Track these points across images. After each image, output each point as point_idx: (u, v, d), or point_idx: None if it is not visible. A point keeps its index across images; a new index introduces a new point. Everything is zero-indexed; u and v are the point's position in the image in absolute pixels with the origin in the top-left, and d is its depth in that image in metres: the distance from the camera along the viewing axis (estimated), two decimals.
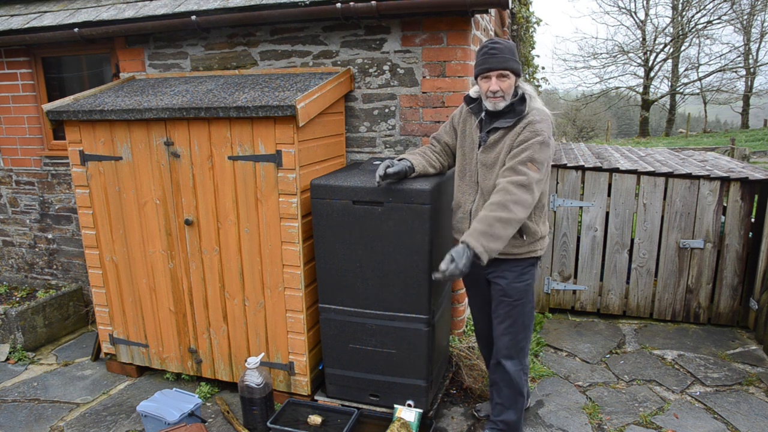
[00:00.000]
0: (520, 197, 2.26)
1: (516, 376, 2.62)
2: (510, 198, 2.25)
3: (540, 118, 2.37)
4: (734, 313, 4.15)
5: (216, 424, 3.08)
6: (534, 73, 8.13)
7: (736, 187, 3.97)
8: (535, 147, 2.31)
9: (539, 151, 2.31)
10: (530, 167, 2.30)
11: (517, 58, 2.41)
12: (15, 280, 4.81)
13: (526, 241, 2.49)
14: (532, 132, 2.35)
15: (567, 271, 4.35)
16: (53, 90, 4.33)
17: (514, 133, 2.41)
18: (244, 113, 2.75)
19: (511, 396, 2.66)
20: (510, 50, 2.39)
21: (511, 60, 2.38)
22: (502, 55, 2.36)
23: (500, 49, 2.36)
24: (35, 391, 3.50)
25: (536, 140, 2.32)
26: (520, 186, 2.27)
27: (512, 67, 2.37)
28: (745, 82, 24.94)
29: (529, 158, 2.31)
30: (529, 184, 2.27)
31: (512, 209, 2.24)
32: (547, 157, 2.35)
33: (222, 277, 3.10)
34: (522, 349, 2.63)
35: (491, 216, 2.24)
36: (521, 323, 2.58)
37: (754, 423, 2.97)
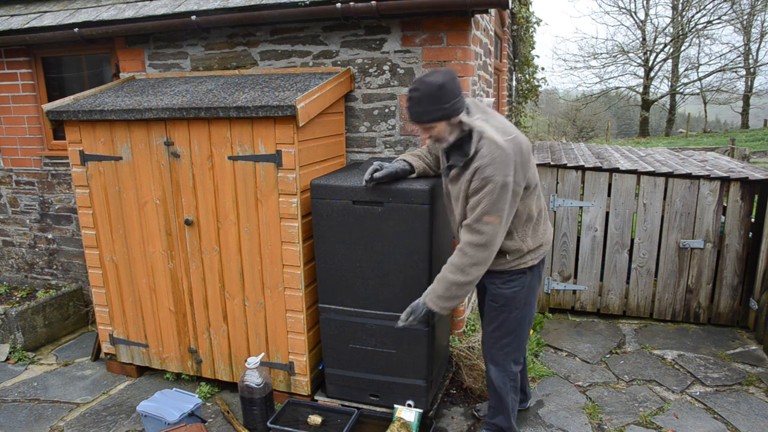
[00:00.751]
0: (477, 258, 2.28)
1: (498, 382, 2.61)
2: (467, 261, 2.29)
3: (489, 160, 2.19)
4: (734, 313, 4.15)
5: (216, 424, 3.08)
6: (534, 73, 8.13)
7: (736, 187, 3.97)
8: (488, 198, 2.20)
9: (494, 201, 2.20)
10: (487, 220, 2.23)
11: (443, 102, 2.18)
12: (15, 280, 4.81)
13: (508, 259, 2.46)
14: (481, 180, 2.21)
15: (567, 271, 4.35)
16: (53, 90, 4.33)
17: (468, 174, 2.28)
18: (244, 113, 2.75)
19: (498, 401, 2.66)
20: (430, 98, 2.17)
21: (430, 111, 2.19)
22: (418, 108, 2.21)
23: (416, 100, 2.20)
24: (35, 391, 3.50)
25: (487, 190, 2.19)
26: (477, 246, 2.26)
27: (433, 119, 2.21)
28: (745, 82, 24.94)
29: (483, 213, 2.22)
30: (487, 242, 2.26)
31: (469, 272, 2.29)
32: (506, 199, 2.22)
33: (222, 277, 3.10)
34: (506, 356, 2.58)
35: (449, 279, 2.33)
36: (505, 329, 2.55)
37: (754, 423, 2.97)
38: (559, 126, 24.51)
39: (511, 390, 2.62)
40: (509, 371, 2.59)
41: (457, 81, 2.23)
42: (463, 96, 2.26)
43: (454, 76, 2.23)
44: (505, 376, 2.60)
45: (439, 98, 2.17)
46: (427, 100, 2.18)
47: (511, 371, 2.60)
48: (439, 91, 2.17)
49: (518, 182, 2.26)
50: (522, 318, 2.55)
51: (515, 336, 2.56)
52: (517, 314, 2.53)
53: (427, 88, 2.18)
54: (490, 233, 2.24)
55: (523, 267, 2.48)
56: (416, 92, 2.20)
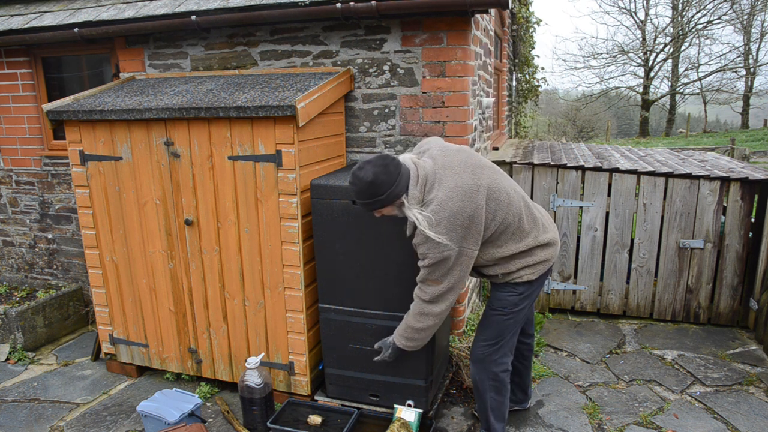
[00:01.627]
0: (425, 309, 2.41)
1: (479, 382, 2.62)
2: (419, 310, 2.43)
3: (421, 240, 2.25)
4: (734, 313, 4.15)
5: (216, 424, 3.08)
6: (534, 73, 8.14)
7: (736, 187, 3.97)
8: (426, 269, 2.30)
9: (431, 271, 2.29)
10: (430, 283, 2.34)
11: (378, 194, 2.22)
12: (15, 280, 4.81)
13: (501, 278, 2.50)
14: (420, 254, 2.30)
15: (567, 271, 4.35)
16: (53, 90, 4.33)
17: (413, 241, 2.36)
18: (244, 113, 2.75)
19: (477, 398, 2.69)
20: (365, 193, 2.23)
21: (369, 204, 2.27)
22: (360, 199, 2.29)
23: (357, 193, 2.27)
24: (35, 391, 3.50)
25: (425, 262, 2.28)
26: (424, 301, 2.40)
27: (374, 208, 2.31)
28: (745, 82, 24.94)
29: (425, 277, 2.35)
30: (431, 299, 2.37)
31: (420, 320, 2.44)
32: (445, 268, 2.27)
33: (222, 277, 3.10)
34: (487, 355, 2.58)
35: (408, 323, 2.50)
36: (493, 330, 2.56)
37: (754, 423, 2.97)
38: (559, 126, 24.52)
39: (490, 389, 2.61)
40: (489, 370, 2.59)
41: (391, 166, 2.22)
42: (400, 177, 2.24)
43: (387, 163, 2.22)
44: (483, 373, 2.60)
45: (374, 192, 2.23)
46: (364, 194, 2.26)
47: (491, 370, 2.59)
48: (372, 187, 2.22)
49: (467, 246, 2.27)
50: (513, 323, 2.56)
51: (502, 338, 2.57)
52: (509, 319, 2.54)
53: (361, 184, 2.24)
54: (432, 293, 2.35)
55: (520, 281, 2.49)
56: (354, 186, 2.28)
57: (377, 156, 2.27)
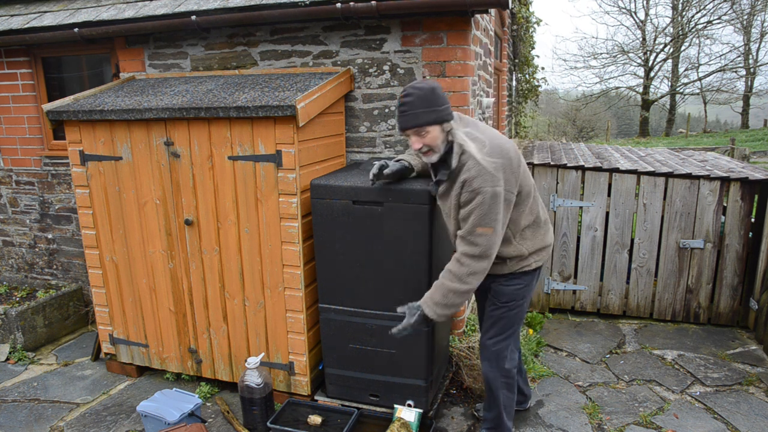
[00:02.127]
0: (474, 268, 2.29)
1: (492, 380, 2.62)
2: (464, 270, 2.30)
3: (475, 172, 2.20)
4: (734, 313, 4.15)
5: (216, 424, 3.08)
6: (534, 73, 8.13)
7: (736, 187, 3.97)
8: (479, 210, 2.21)
9: (486, 212, 2.21)
10: (480, 231, 2.24)
11: (437, 104, 2.18)
12: (15, 280, 4.81)
13: (509, 264, 2.49)
14: (470, 193, 2.22)
15: (567, 271, 4.35)
16: (53, 90, 4.33)
17: (456, 187, 2.30)
18: (244, 113, 2.75)
19: (490, 396, 2.68)
20: (424, 100, 2.18)
21: (426, 113, 2.18)
22: (413, 110, 2.19)
23: (411, 103, 2.19)
24: (35, 391, 3.50)
25: (477, 201, 2.20)
26: (473, 257, 2.28)
27: (428, 121, 2.19)
28: (745, 82, 24.94)
29: (476, 224, 2.24)
30: (482, 253, 2.27)
31: (467, 281, 2.30)
32: (497, 209, 2.22)
33: (222, 277, 3.10)
34: (499, 352, 2.59)
35: (447, 286, 2.33)
36: (502, 325, 2.57)
37: (754, 423, 2.97)
38: (559, 126, 24.51)
39: (503, 386, 2.62)
40: (502, 367, 2.60)
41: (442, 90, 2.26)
42: (450, 105, 2.28)
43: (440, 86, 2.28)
44: (496, 371, 2.61)
45: (434, 101, 2.19)
46: (422, 102, 2.19)
47: (503, 367, 2.61)
48: (433, 93, 2.19)
49: (510, 190, 2.27)
50: (519, 314, 2.59)
51: (511, 332, 2.59)
52: (517, 313, 2.57)
53: (420, 91, 2.19)
54: (485, 244, 2.25)
55: (527, 269, 2.51)
56: (410, 96, 2.21)
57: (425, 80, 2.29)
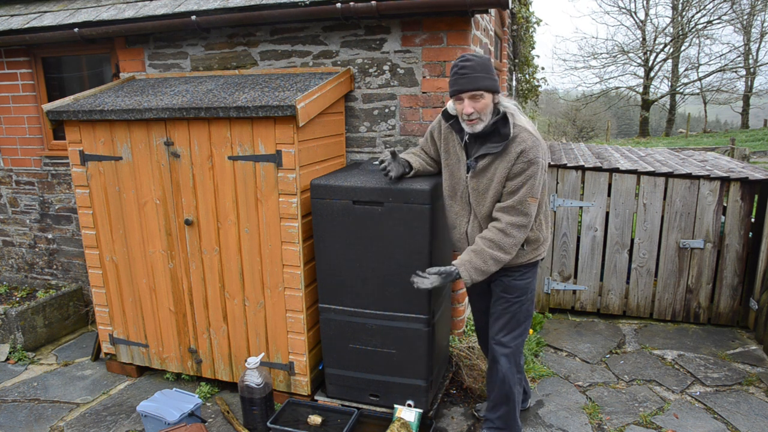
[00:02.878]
0: (518, 239, 2.36)
1: (509, 374, 2.62)
2: (509, 241, 2.34)
3: (532, 143, 2.26)
4: (734, 313, 4.15)
5: (216, 424, 3.08)
6: (534, 73, 8.13)
7: (736, 187, 3.97)
8: (532, 180, 2.28)
9: (536, 183, 2.29)
10: (530, 201, 2.31)
11: (492, 74, 2.27)
12: (15, 280, 4.81)
13: (527, 250, 2.51)
14: (526, 162, 2.26)
15: (567, 271, 4.35)
16: (53, 90, 4.33)
17: (506, 160, 2.31)
18: (244, 113, 2.75)
19: (503, 394, 2.66)
20: (483, 66, 2.25)
21: (484, 78, 2.24)
22: (474, 74, 2.23)
23: (471, 67, 2.23)
24: (35, 391, 3.50)
25: (531, 170, 2.26)
26: (521, 227, 2.33)
27: (486, 86, 2.24)
28: (745, 82, 24.94)
29: (528, 194, 2.29)
30: (529, 222, 2.34)
31: (509, 251, 2.36)
32: (542, 182, 2.35)
33: (222, 277, 3.10)
34: (517, 347, 2.61)
35: (489, 254, 2.34)
36: (517, 320, 2.59)
37: (754, 423, 2.97)
38: (559, 126, 24.51)
39: (517, 383, 2.65)
40: (518, 363, 2.64)
41: None
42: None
43: None
44: (514, 368, 2.62)
45: (491, 69, 2.30)
46: (481, 68, 2.25)
47: (520, 364, 2.65)
48: (490, 62, 2.30)
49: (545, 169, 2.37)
50: (531, 308, 2.63)
51: (525, 326, 2.63)
52: (528, 306, 2.61)
53: (480, 59, 2.28)
54: (532, 214, 2.34)
55: (537, 259, 2.56)
56: (469, 62, 2.26)
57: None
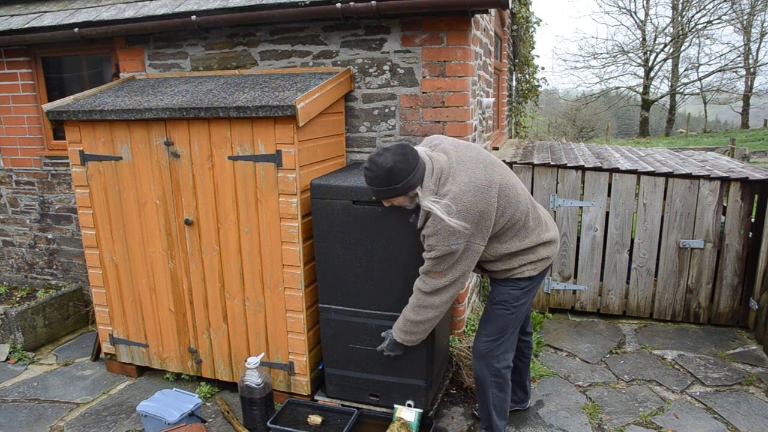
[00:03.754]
0: (425, 302, 2.43)
1: (480, 375, 2.63)
2: (417, 302, 2.46)
3: (432, 231, 2.25)
4: (734, 313, 4.15)
5: (216, 424, 3.08)
6: (534, 73, 8.13)
7: (736, 187, 3.97)
8: (431, 261, 2.32)
9: (437, 263, 2.31)
10: (434, 276, 2.36)
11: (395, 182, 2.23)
12: (15, 280, 4.81)
13: (501, 273, 2.52)
14: (427, 245, 2.32)
15: (567, 271, 4.35)
16: (53, 90, 4.33)
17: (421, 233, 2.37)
18: (244, 113, 2.75)
19: (478, 394, 2.69)
20: (382, 180, 2.23)
21: (385, 191, 2.28)
22: (374, 186, 2.29)
23: (371, 179, 2.27)
24: (35, 391, 3.50)
25: (432, 254, 2.30)
26: (424, 292, 2.42)
27: (388, 197, 2.31)
28: (745, 82, 24.94)
29: (428, 269, 2.37)
30: (435, 290, 2.38)
31: (420, 312, 2.46)
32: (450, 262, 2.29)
33: (222, 277, 3.10)
34: (489, 351, 2.59)
35: (405, 316, 2.54)
36: (496, 325, 2.57)
37: (754, 423, 2.97)
38: (559, 126, 24.50)
39: (492, 385, 2.62)
40: (491, 366, 2.60)
41: (410, 156, 2.25)
42: (417, 168, 2.26)
43: (406, 152, 2.25)
44: (485, 369, 2.61)
45: (391, 180, 2.24)
46: (380, 181, 2.26)
47: (493, 366, 2.60)
48: (389, 174, 2.23)
49: (474, 241, 2.29)
50: (514, 318, 2.57)
51: (502, 335, 2.58)
52: (510, 312, 2.55)
53: (379, 170, 2.24)
54: (434, 285, 2.38)
55: (521, 277, 2.51)
56: (370, 172, 2.27)
57: (397, 144, 2.29)
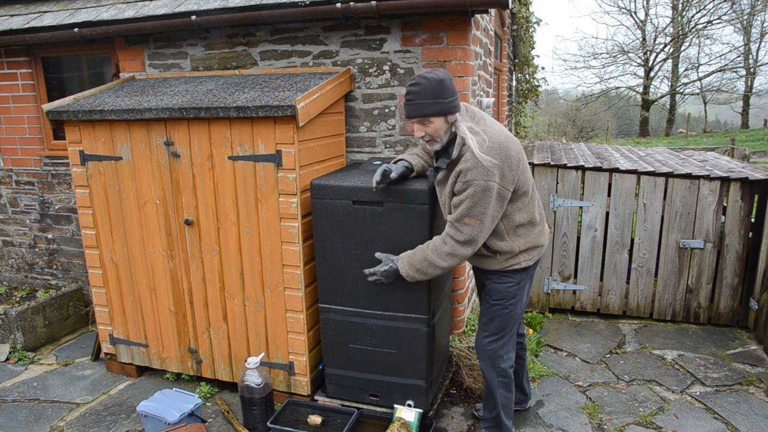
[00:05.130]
0: (455, 251, 2.36)
1: (489, 379, 2.63)
2: (445, 249, 2.38)
3: (471, 164, 2.23)
4: (734, 313, 4.15)
5: (216, 424, 3.08)
6: (534, 73, 8.13)
7: (736, 187, 3.97)
8: (468, 201, 2.26)
9: (474, 204, 2.25)
10: (468, 222, 2.30)
11: (443, 96, 2.22)
12: (15, 280, 4.81)
13: (500, 259, 2.50)
14: (464, 183, 2.26)
15: (567, 271, 4.35)
16: (53, 90, 4.33)
17: (452, 177, 2.34)
18: (244, 113, 2.75)
19: (487, 394, 2.69)
20: (431, 91, 2.21)
21: (431, 104, 2.22)
22: (418, 101, 2.23)
23: (417, 93, 2.23)
24: (35, 391, 3.50)
25: (468, 192, 2.25)
26: (456, 242, 2.35)
27: (432, 112, 2.24)
28: (745, 82, 24.94)
29: (465, 213, 2.29)
30: (466, 241, 2.33)
31: (444, 259, 2.39)
32: (488, 203, 2.26)
33: (222, 277, 3.10)
34: (494, 351, 2.59)
35: (425, 255, 2.43)
36: (497, 324, 2.57)
37: (754, 423, 2.97)
38: (559, 126, 24.50)
39: (500, 386, 2.62)
40: (498, 366, 2.61)
41: (453, 82, 2.29)
42: (458, 97, 2.31)
43: (451, 77, 2.30)
44: (492, 371, 2.61)
45: (440, 92, 2.22)
46: (428, 93, 2.22)
47: (500, 367, 2.60)
48: (440, 85, 2.22)
49: (505, 186, 2.29)
50: (513, 314, 2.57)
51: (504, 332, 2.58)
52: (511, 312, 2.56)
53: (428, 82, 2.22)
54: (469, 233, 2.31)
55: (517, 268, 2.50)
56: (417, 86, 2.24)
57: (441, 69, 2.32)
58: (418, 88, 2.23)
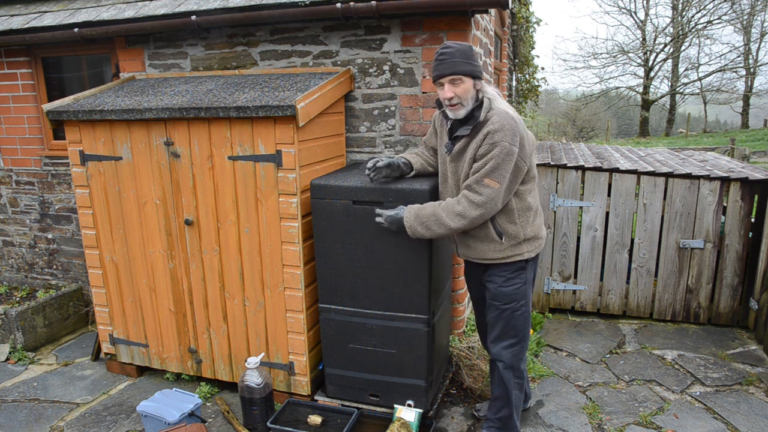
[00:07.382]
0: (467, 213, 2.36)
1: (506, 378, 2.62)
2: (458, 209, 2.37)
3: (499, 126, 2.28)
4: (734, 313, 4.15)
5: (216, 424, 3.08)
6: (534, 73, 8.13)
7: (736, 187, 3.97)
8: (493, 162, 2.28)
9: (498, 165, 2.28)
10: (488, 183, 2.31)
11: (472, 60, 2.34)
12: (15, 280, 4.81)
13: (505, 245, 2.47)
14: (490, 144, 2.29)
15: (567, 271, 4.35)
16: (53, 90, 4.33)
17: (475, 141, 2.36)
18: (244, 113, 2.75)
19: (501, 396, 2.67)
20: (462, 53, 2.32)
21: (463, 63, 2.31)
22: (452, 59, 2.31)
23: (450, 53, 2.31)
24: (35, 391, 3.50)
25: (493, 153, 2.28)
26: (472, 204, 2.35)
27: (464, 71, 2.31)
28: (745, 82, 24.94)
29: (486, 174, 2.30)
30: (483, 203, 2.33)
31: (454, 219, 2.37)
32: (508, 168, 2.31)
33: (222, 277, 3.10)
34: (514, 355, 2.59)
35: (435, 211, 2.41)
36: (512, 328, 2.56)
37: (754, 423, 2.97)
38: (559, 126, 24.51)
39: (516, 387, 2.63)
40: (516, 368, 2.61)
41: None
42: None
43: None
44: (511, 373, 2.61)
45: (471, 56, 2.34)
46: (460, 54, 2.32)
47: (518, 368, 2.62)
48: (470, 50, 2.36)
49: (522, 158, 2.36)
50: (526, 314, 2.59)
51: (524, 334, 2.59)
52: (523, 312, 2.56)
53: (459, 46, 2.35)
54: (487, 195, 2.32)
55: (519, 259, 2.50)
56: (449, 48, 2.34)
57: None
58: (450, 50, 2.33)
